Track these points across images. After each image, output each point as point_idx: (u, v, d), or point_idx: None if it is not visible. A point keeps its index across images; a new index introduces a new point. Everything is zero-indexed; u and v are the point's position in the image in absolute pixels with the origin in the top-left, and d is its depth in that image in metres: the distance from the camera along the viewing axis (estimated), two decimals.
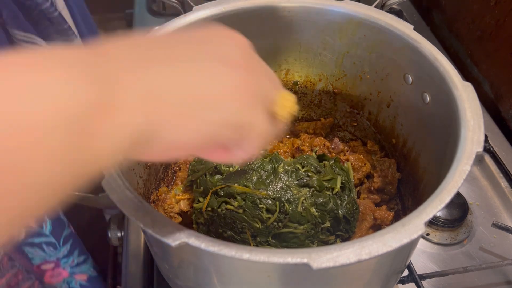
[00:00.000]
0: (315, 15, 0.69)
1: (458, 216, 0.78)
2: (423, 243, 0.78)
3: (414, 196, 0.68)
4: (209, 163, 0.66)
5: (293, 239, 0.59)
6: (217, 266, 0.48)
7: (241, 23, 0.69)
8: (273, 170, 0.62)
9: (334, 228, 0.61)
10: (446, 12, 1.19)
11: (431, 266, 0.75)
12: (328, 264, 0.38)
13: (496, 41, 0.99)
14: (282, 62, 0.76)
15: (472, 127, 0.50)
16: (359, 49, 0.70)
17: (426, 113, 0.62)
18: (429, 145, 0.63)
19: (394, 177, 0.72)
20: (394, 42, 0.64)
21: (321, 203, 0.60)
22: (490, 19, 1.00)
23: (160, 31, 0.62)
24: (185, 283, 0.56)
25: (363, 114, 0.77)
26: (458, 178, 0.45)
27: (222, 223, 0.60)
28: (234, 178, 0.62)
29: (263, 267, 0.45)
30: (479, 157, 0.89)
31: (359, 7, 0.66)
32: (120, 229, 0.77)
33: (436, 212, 0.43)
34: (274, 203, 0.59)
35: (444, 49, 1.18)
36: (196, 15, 0.65)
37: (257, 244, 0.59)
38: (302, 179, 0.62)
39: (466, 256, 0.76)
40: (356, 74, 0.73)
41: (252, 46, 0.40)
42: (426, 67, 0.59)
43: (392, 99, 0.70)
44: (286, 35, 0.72)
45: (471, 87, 0.54)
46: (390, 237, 0.40)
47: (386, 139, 0.75)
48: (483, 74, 1.05)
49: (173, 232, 0.41)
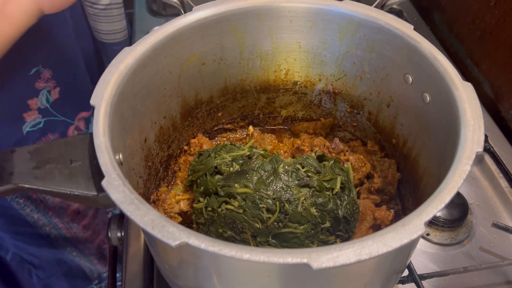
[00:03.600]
0: (315, 15, 0.69)
1: (458, 216, 0.78)
2: (423, 243, 0.78)
3: (414, 196, 0.68)
4: (209, 163, 0.66)
5: (293, 239, 0.59)
6: (217, 266, 0.48)
7: (241, 23, 0.69)
8: (273, 170, 0.62)
9: (334, 228, 0.61)
10: (446, 12, 1.19)
11: (431, 266, 0.75)
12: (328, 264, 0.38)
13: (496, 41, 1.00)
14: (282, 62, 0.76)
15: (472, 127, 0.50)
16: (359, 49, 0.70)
17: (426, 113, 0.62)
18: (429, 145, 0.63)
19: (394, 177, 0.72)
20: (394, 42, 0.64)
21: (321, 203, 0.60)
22: (490, 19, 1.00)
23: (160, 31, 0.63)
24: (185, 283, 0.56)
25: (363, 114, 0.77)
26: (458, 178, 0.45)
27: (222, 223, 0.60)
28: (235, 178, 0.62)
29: (263, 267, 0.45)
30: (479, 157, 0.89)
31: (359, 7, 0.66)
32: (120, 229, 0.77)
33: (436, 212, 0.43)
34: (274, 203, 0.59)
35: (444, 49, 1.18)
36: (196, 15, 0.65)
37: (257, 244, 0.59)
38: (302, 179, 0.62)
39: (466, 256, 0.76)
40: (356, 74, 0.73)
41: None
42: (426, 67, 0.59)
43: (392, 99, 0.70)
44: (286, 35, 0.72)
45: (471, 87, 0.54)
46: (390, 237, 0.40)
47: (386, 139, 0.75)
48: (483, 74, 1.05)
49: (173, 232, 0.41)
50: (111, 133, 0.51)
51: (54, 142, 0.54)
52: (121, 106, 0.56)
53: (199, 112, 0.77)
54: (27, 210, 1.00)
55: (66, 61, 0.97)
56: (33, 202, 1.00)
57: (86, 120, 1.06)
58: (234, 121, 0.83)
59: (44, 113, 0.93)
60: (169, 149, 0.74)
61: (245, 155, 0.67)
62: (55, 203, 1.04)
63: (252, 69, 0.76)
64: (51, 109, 0.94)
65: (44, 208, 1.03)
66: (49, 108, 0.93)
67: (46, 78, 0.92)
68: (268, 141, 0.80)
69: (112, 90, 0.54)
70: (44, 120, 0.93)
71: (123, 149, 0.56)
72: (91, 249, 1.24)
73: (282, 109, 0.83)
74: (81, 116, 1.04)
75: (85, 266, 1.24)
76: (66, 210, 1.08)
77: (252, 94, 0.80)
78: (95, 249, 1.25)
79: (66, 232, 1.13)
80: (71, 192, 0.50)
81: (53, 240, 1.11)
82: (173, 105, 0.71)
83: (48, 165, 0.51)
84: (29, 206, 1.00)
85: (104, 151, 0.48)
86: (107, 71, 0.56)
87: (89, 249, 1.23)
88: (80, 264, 1.22)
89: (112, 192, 0.44)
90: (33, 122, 0.92)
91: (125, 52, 0.59)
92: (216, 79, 0.75)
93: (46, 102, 0.92)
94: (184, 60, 0.68)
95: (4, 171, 0.50)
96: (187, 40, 0.66)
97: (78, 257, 1.20)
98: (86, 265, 1.24)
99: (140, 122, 0.64)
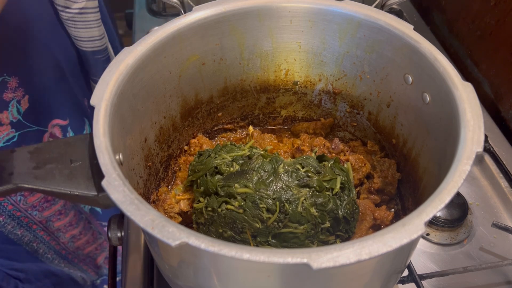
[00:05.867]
0: (315, 15, 0.69)
1: (458, 216, 0.78)
2: (423, 243, 0.78)
3: (414, 196, 0.68)
4: (209, 164, 0.66)
5: (293, 239, 0.59)
6: (217, 266, 0.48)
7: (241, 23, 0.69)
8: (273, 170, 0.62)
9: (334, 228, 0.61)
10: (446, 12, 1.19)
11: (431, 266, 0.75)
12: (328, 264, 0.38)
13: (496, 41, 1.00)
14: (282, 62, 0.76)
15: (472, 127, 0.50)
16: (359, 49, 0.70)
17: (426, 113, 0.62)
18: (429, 145, 0.63)
19: (394, 177, 0.72)
20: (394, 42, 0.64)
21: (321, 203, 0.60)
22: (490, 19, 1.00)
23: (160, 31, 0.63)
24: (185, 283, 0.56)
25: (363, 114, 0.77)
26: (458, 178, 0.45)
27: (222, 223, 0.60)
28: (235, 178, 0.62)
29: (263, 267, 0.45)
30: (479, 157, 0.89)
31: (359, 7, 0.66)
32: (120, 229, 0.77)
33: (436, 212, 0.43)
34: (274, 203, 0.59)
35: (444, 49, 1.18)
36: (196, 15, 0.65)
37: (257, 244, 0.59)
38: (302, 179, 0.62)
39: (466, 256, 0.76)
40: (356, 74, 0.73)
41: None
42: (426, 67, 0.59)
43: (392, 99, 0.70)
44: (286, 35, 0.72)
45: (471, 87, 0.54)
46: (390, 237, 0.40)
47: (386, 139, 0.75)
48: (483, 74, 1.05)
49: (173, 232, 0.41)
50: (111, 133, 0.51)
51: (54, 142, 0.54)
52: (121, 106, 0.56)
53: (199, 112, 0.77)
54: (8, 227, 0.96)
55: (33, 66, 0.91)
56: (14, 219, 0.96)
57: (62, 128, 1.02)
58: (234, 121, 0.83)
59: (17, 126, 0.88)
60: (169, 149, 0.74)
61: (245, 155, 0.67)
62: (42, 217, 1.01)
63: (252, 69, 0.76)
64: (23, 120, 0.89)
65: (28, 223, 0.99)
66: (21, 120, 0.88)
67: (13, 88, 0.86)
68: (268, 141, 0.80)
69: (112, 90, 0.54)
70: (18, 133, 0.88)
71: (123, 149, 0.56)
72: (82, 258, 1.21)
73: (282, 109, 0.83)
74: (55, 123, 1.00)
75: (75, 275, 1.21)
76: (53, 223, 1.05)
77: (252, 94, 0.80)
78: (86, 257, 1.22)
79: (55, 244, 1.10)
80: (71, 192, 0.50)
81: (41, 254, 1.08)
82: (173, 105, 0.71)
83: (48, 165, 0.51)
84: (9, 223, 0.96)
85: (104, 151, 0.48)
86: (107, 71, 0.56)
87: (79, 258, 1.20)
88: (70, 274, 1.19)
89: (112, 192, 0.44)
90: (6, 138, 0.87)
91: (125, 52, 0.59)
92: (216, 79, 0.75)
93: (17, 113, 0.87)
94: (184, 60, 0.68)
95: (4, 171, 0.49)
96: (187, 40, 0.66)
97: (67, 267, 1.17)
98: (77, 274, 1.21)
99: (140, 122, 0.64)
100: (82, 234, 1.16)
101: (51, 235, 1.07)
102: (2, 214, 0.93)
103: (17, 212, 0.96)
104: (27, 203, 0.96)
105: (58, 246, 1.11)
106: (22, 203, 0.95)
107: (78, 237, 1.15)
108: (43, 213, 1.01)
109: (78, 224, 1.13)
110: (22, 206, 0.96)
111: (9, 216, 0.95)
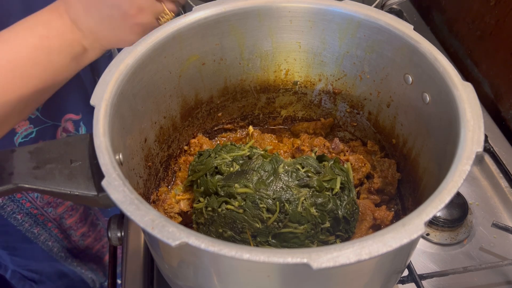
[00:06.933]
0: (315, 15, 0.69)
1: (458, 216, 0.78)
2: (423, 243, 0.78)
3: (414, 196, 0.68)
4: (209, 164, 0.66)
5: (293, 239, 0.59)
6: (217, 266, 0.48)
7: (241, 23, 0.69)
8: (273, 170, 0.62)
9: (334, 228, 0.61)
10: (446, 12, 1.19)
11: (431, 266, 0.75)
12: (328, 264, 0.38)
13: (496, 41, 1.00)
14: (282, 62, 0.76)
15: (472, 127, 0.50)
16: (359, 49, 0.70)
17: (426, 113, 0.62)
18: (429, 145, 0.63)
19: (394, 177, 0.72)
20: (394, 42, 0.64)
21: (321, 203, 0.60)
22: (490, 19, 1.00)
23: (160, 31, 0.63)
24: (185, 283, 0.56)
25: (363, 114, 0.77)
26: (458, 178, 0.45)
27: (223, 223, 0.60)
28: (235, 178, 0.62)
29: (263, 267, 0.45)
30: (479, 157, 0.89)
31: (359, 7, 0.66)
32: (120, 229, 0.77)
33: (436, 212, 0.43)
34: (274, 203, 0.59)
35: (444, 49, 1.18)
36: (196, 15, 0.65)
37: (257, 244, 0.59)
38: (302, 179, 0.62)
39: (466, 256, 0.76)
40: (356, 74, 0.73)
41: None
42: (426, 67, 0.59)
43: (392, 99, 0.70)
44: (286, 35, 0.72)
45: (471, 87, 0.54)
46: (390, 237, 0.40)
47: (386, 139, 0.75)
48: (483, 74, 1.05)
49: (173, 232, 0.41)
50: (111, 133, 0.51)
51: (54, 142, 0.54)
52: (121, 106, 0.56)
53: (199, 112, 0.77)
54: (25, 225, 0.98)
55: None
56: (32, 217, 0.98)
57: (75, 123, 1.03)
58: (234, 121, 0.83)
59: (36, 122, 0.90)
60: (169, 149, 0.74)
61: (245, 155, 0.67)
62: (56, 214, 1.03)
63: (252, 69, 0.76)
64: (41, 116, 0.91)
65: (43, 221, 1.01)
66: (39, 116, 0.90)
67: None
68: (268, 141, 0.80)
69: (112, 90, 0.54)
70: (36, 129, 0.90)
71: (123, 149, 0.56)
72: (92, 257, 1.22)
73: (282, 109, 0.83)
74: (68, 118, 1.02)
75: (86, 277, 1.23)
76: (65, 220, 1.07)
77: (252, 94, 0.80)
78: (95, 256, 1.24)
79: (67, 242, 1.11)
80: (71, 192, 0.50)
81: (55, 252, 1.10)
82: (173, 105, 0.71)
83: (48, 165, 0.51)
84: (27, 221, 0.97)
85: (104, 151, 0.48)
86: (107, 71, 0.56)
87: (89, 257, 1.21)
88: (81, 275, 1.21)
89: (112, 192, 0.44)
90: (25, 133, 0.89)
91: (125, 52, 0.59)
92: (216, 79, 0.75)
93: (36, 110, 0.89)
94: (184, 60, 0.68)
95: (4, 171, 0.49)
96: (187, 40, 0.66)
97: (79, 266, 1.19)
98: (87, 275, 1.23)
99: (140, 122, 0.64)
100: (90, 231, 1.17)
101: (63, 233, 1.08)
102: (20, 212, 0.95)
103: (34, 210, 0.97)
104: (43, 200, 0.98)
105: (70, 244, 1.13)
106: (39, 200, 0.97)
107: (87, 235, 1.16)
108: (57, 209, 1.02)
109: (86, 220, 1.14)
110: (39, 203, 0.97)
111: (27, 214, 0.96)
